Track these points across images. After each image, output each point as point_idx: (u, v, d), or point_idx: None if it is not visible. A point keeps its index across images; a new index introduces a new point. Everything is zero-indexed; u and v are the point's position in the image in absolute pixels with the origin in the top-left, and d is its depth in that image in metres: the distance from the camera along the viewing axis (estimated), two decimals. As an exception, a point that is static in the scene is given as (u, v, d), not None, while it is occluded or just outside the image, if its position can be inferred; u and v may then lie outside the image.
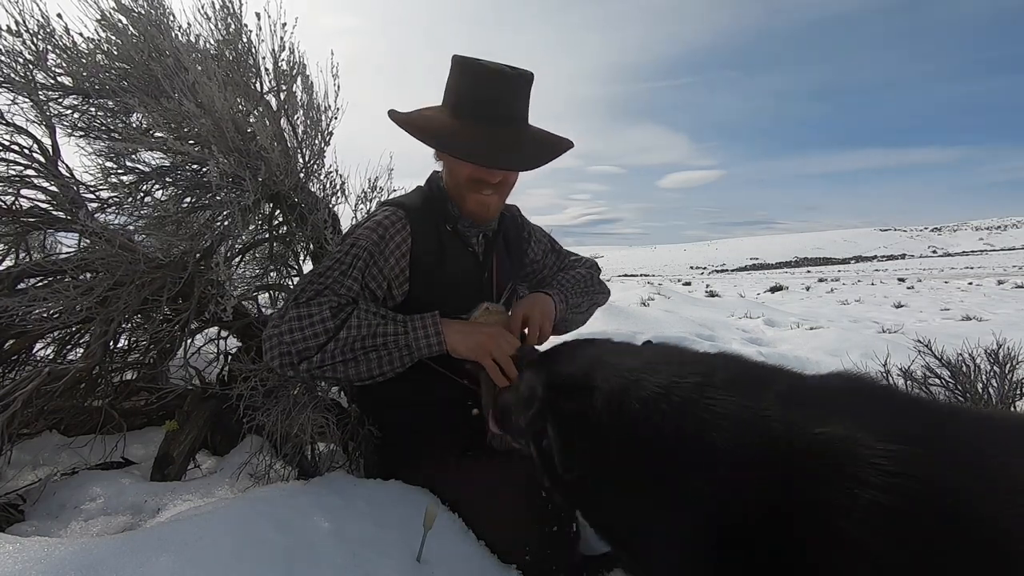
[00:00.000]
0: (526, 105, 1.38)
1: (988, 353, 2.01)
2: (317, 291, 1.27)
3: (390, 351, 1.26)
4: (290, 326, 1.22)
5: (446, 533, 1.19)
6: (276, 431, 1.38)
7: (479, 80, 1.31)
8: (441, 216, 1.42)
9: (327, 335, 1.22)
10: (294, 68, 1.56)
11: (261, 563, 0.95)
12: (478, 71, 1.31)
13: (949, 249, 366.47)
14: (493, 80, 1.31)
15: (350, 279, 1.30)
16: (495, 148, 1.30)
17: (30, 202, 1.55)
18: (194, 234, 1.46)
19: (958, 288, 18.25)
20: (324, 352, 1.22)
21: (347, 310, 1.25)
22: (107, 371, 1.65)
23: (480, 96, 1.31)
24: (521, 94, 1.35)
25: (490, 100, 1.31)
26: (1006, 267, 66.67)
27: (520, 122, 1.37)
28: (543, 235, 1.73)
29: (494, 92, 1.31)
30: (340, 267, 1.30)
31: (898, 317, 8.17)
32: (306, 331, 1.22)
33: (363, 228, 1.35)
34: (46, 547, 0.92)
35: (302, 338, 1.21)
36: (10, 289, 1.50)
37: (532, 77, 1.35)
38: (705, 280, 35.56)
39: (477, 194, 1.38)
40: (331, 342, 1.22)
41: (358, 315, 1.25)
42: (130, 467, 1.55)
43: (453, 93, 1.35)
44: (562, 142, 1.41)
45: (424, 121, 1.34)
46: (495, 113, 1.32)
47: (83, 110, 1.58)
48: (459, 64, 1.34)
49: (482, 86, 1.31)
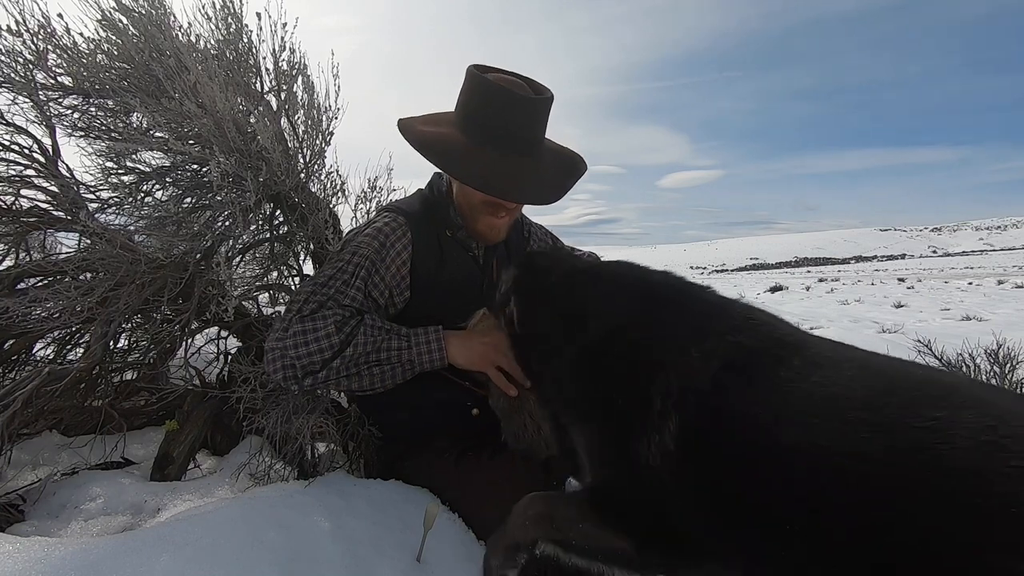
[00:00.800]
0: (545, 127, 1.33)
1: (988, 353, 2.01)
2: (320, 303, 1.26)
3: (392, 366, 1.26)
4: (295, 341, 1.21)
5: (446, 533, 1.19)
6: (276, 433, 1.38)
7: (501, 107, 1.25)
8: (442, 221, 1.42)
9: (332, 351, 1.22)
10: (295, 68, 1.56)
11: (261, 563, 0.95)
12: (500, 97, 1.24)
13: (949, 249, 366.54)
14: (515, 107, 1.25)
15: (353, 289, 1.29)
16: (514, 179, 1.25)
17: (30, 202, 1.55)
18: (195, 234, 1.46)
19: (958, 288, 18.24)
20: (329, 369, 1.22)
21: (351, 324, 1.25)
22: (107, 371, 1.65)
23: (501, 123, 1.25)
24: (541, 118, 1.30)
25: (510, 128, 1.26)
26: (1006, 267, 66.70)
27: (538, 145, 1.32)
28: (544, 234, 1.72)
29: (515, 120, 1.26)
30: (342, 276, 1.29)
31: (898, 317, 8.17)
32: (311, 346, 1.21)
33: (363, 236, 1.34)
34: (46, 547, 0.92)
35: (307, 353, 1.21)
36: (10, 289, 1.50)
37: (552, 99, 1.29)
38: (705, 280, 35.52)
39: (491, 217, 1.36)
40: (336, 359, 1.22)
41: (363, 331, 1.24)
42: (130, 467, 1.55)
43: (470, 113, 1.29)
44: (577, 165, 1.37)
45: (440, 144, 1.27)
46: (515, 141, 1.27)
47: (83, 110, 1.58)
48: (478, 84, 1.27)
49: (504, 113, 1.25)
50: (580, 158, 1.40)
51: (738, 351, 0.83)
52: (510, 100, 1.25)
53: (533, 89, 1.30)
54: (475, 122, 1.27)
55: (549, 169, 1.33)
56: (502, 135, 1.26)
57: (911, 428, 0.64)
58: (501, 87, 1.25)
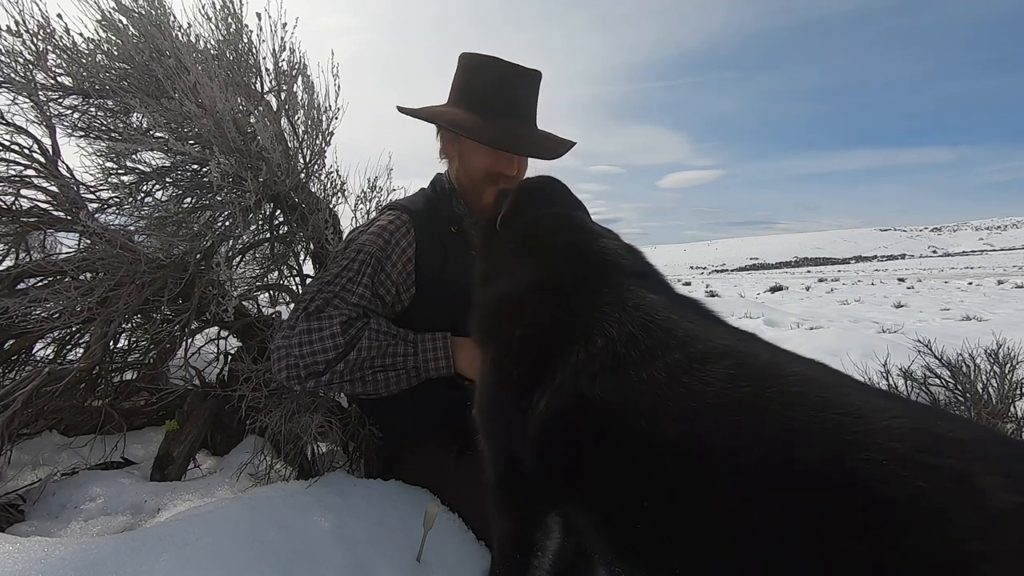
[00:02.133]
0: (536, 104, 1.44)
1: (988, 353, 2.00)
2: (327, 300, 1.26)
3: (398, 372, 1.26)
4: (299, 339, 1.21)
5: (446, 533, 1.19)
6: (279, 431, 1.38)
7: (498, 75, 1.36)
8: (445, 218, 1.42)
9: (336, 351, 1.21)
10: (295, 68, 1.56)
11: (261, 563, 0.95)
12: (496, 66, 1.36)
13: (949, 249, 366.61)
14: (511, 75, 1.36)
15: (360, 287, 1.29)
16: (519, 136, 1.36)
17: (30, 202, 1.55)
18: (195, 234, 1.46)
19: (958, 288, 18.25)
20: (333, 372, 1.22)
21: (357, 325, 1.24)
22: (107, 371, 1.65)
23: (499, 91, 1.36)
24: (534, 91, 1.42)
25: (508, 95, 1.37)
26: (1006, 267, 66.66)
27: (533, 119, 1.43)
28: None
29: (512, 87, 1.37)
30: (347, 274, 1.29)
31: (898, 317, 8.17)
32: (315, 345, 1.21)
33: (367, 234, 1.34)
34: (46, 547, 0.92)
35: (310, 352, 1.21)
36: (10, 289, 1.50)
37: (541, 76, 1.41)
38: (705, 280, 35.57)
39: (495, 186, 1.40)
40: (340, 362, 1.22)
41: (368, 335, 1.24)
42: (130, 467, 1.55)
43: (467, 88, 1.38)
44: (567, 140, 1.48)
45: (450, 114, 1.37)
46: (513, 108, 1.38)
47: (83, 110, 1.58)
48: (474, 60, 1.38)
49: (501, 81, 1.36)
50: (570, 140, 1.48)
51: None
52: (503, 67, 1.37)
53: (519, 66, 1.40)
54: (470, 92, 1.38)
55: (545, 136, 1.45)
56: (502, 102, 1.37)
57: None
58: (495, 60, 1.37)
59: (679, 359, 0.73)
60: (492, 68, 1.37)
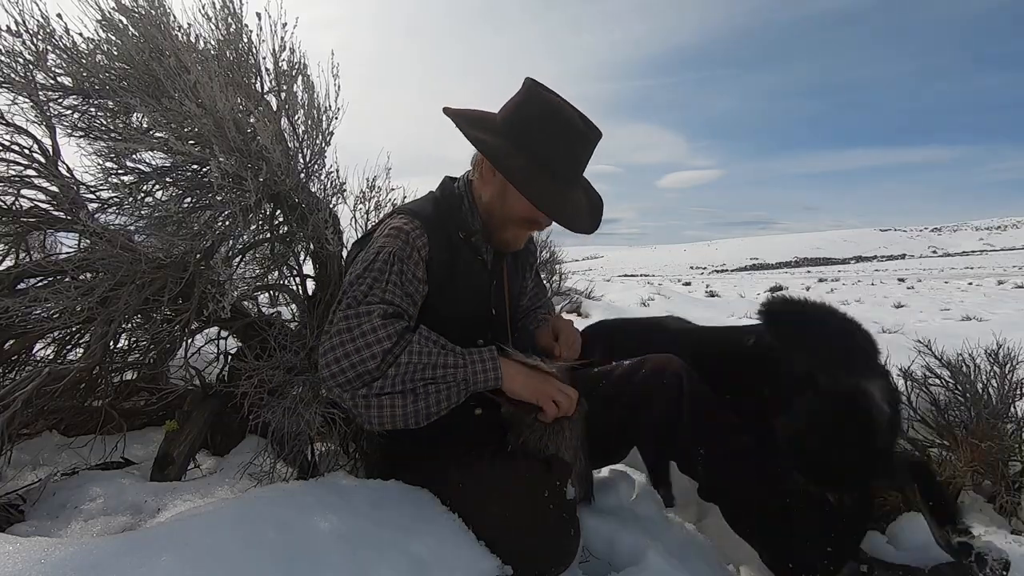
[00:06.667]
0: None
1: (988, 353, 2.00)
2: (356, 299, 1.23)
3: (448, 384, 1.22)
4: (341, 339, 1.18)
5: (446, 533, 1.19)
6: (281, 428, 1.38)
7: (573, 138, 1.33)
8: (456, 224, 1.40)
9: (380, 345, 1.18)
10: (295, 68, 1.56)
11: (261, 563, 0.95)
12: (567, 129, 1.31)
13: (949, 249, 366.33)
14: (586, 141, 1.34)
15: (391, 284, 1.25)
16: (577, 208, 1.36)
17: (30, 202, 1.55)
18: (195, 234, 1.46)
19: (958, 288, 18.25)
20: (386, 378, 1.18)
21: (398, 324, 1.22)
22: (107, 371, 1.65)
23: (570, 155, 1.34)
24: (592, 152, 1.39)
25: (576, 159, 1.35)
26: (1006, 267, 66.62)
27: (582, 177, 1.43)
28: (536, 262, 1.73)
29: (576, 154, 1.35)
30: (371, 274, 1.26)
31: (898, 317, 8.17)
32: (358, 342, 1.17)
33: (383, 237, 1.31)
34: (46, 547, 0.92)
35: (355, 350, 1.17)
36: (10, 289, 1.50)
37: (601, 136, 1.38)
38: (705, 280, 35.54)
39: (523, 231, 1.43)
40: (392, 367, 1.18)
41: (419, 340, 1.22)
42: (130, 467, 1.55)
43: (540, 138, 1.31)
44: (601, 205, 1.49)
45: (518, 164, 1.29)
46: (577, 175, 1.38)
47: (83, 110, 1.58)
48: (544, 108, 1.31)
49: (574, 145, 1.33)
50: (601, 199, 1.49)
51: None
52: (582, 135, 1.33)
53: (585, 123, 1.34)
54: (539, 145, 1.31)
55: (589, 203, 1.45)
56: (570, 169, 1.36)
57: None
58: (570, 121, 1.31)
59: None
60: (569, 129, 1.31)
